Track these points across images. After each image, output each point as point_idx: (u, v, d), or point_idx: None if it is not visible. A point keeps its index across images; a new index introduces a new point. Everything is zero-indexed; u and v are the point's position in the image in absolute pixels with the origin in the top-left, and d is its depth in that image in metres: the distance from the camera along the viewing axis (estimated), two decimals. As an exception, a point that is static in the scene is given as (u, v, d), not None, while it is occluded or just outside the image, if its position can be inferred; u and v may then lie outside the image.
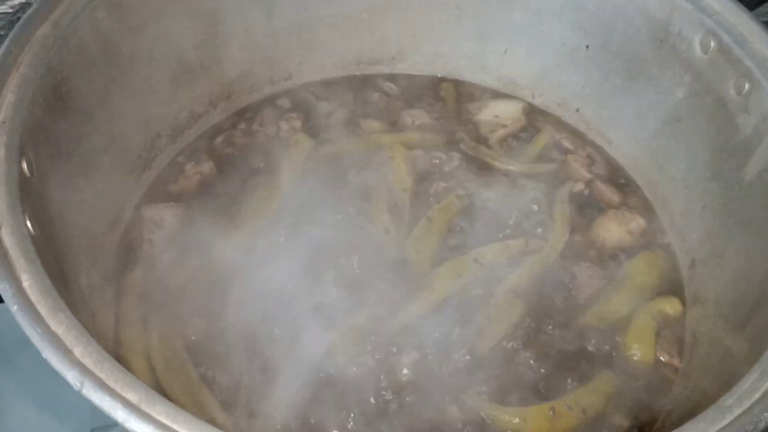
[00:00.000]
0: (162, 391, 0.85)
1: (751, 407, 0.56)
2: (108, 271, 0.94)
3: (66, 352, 0.55)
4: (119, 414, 0.52)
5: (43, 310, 0.58)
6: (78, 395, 0.54)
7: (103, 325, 0.88)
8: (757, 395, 0.58)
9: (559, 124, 1.20)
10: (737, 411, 0.57)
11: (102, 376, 0.55)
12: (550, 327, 0.94)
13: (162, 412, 0.53)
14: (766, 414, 0.55)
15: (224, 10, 1.05)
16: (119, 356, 0.88)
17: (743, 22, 0.91)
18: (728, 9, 0.93)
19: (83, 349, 0.56)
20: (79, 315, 0.71)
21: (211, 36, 1.05)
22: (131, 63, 0.92)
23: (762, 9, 1.02)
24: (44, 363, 0.55)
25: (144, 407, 0.53)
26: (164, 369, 0.88)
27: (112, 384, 0.54)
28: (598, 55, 1.11)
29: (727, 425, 0.56)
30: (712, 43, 0.94)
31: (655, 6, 0.99)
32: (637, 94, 1.08)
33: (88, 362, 0.56)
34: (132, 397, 0.54)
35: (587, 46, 1.11)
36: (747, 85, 0.90)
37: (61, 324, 0.57)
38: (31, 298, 0.58)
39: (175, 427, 0.52)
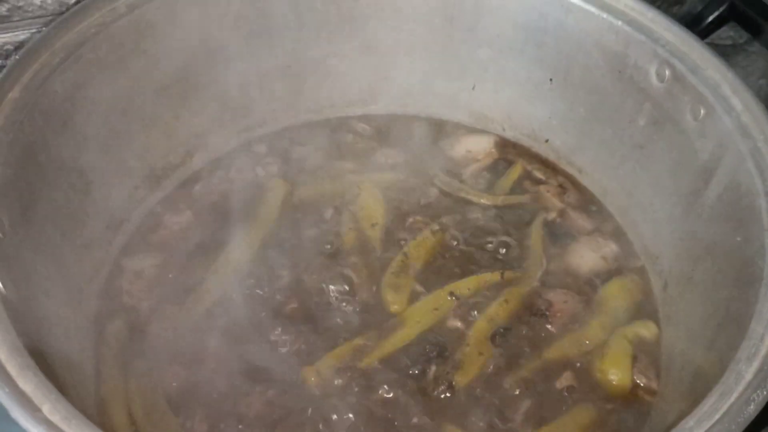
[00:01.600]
0: (143, 441, 0.86)
1: (710, 429, 0.57)
2: (87, 324, 0.95)
3: (34, 411, 0.56)
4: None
5: (12, 369, 0.59)
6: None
7: (83, 377, 0.89)
8: (717, 416, 0.59)
9: (530, 155, 1.23)
10: (697, 432, 0.58)
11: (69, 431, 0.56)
12: (527, 356, 0.95)
13: None
14: (724, 435, 0.56)
15: (195, 63, 1.07)
16: (101, 408, 0.89)
17: (695, 50, 0.94)
18: (680, 38, 0.96)
19: (51, 406, 0.57)
20: (55, 372, 0.74)
21: (183, 87, 1.07)
22: (104, 119, 0.94)
23: (714, 34, 1.05)
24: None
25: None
26: (145, 419, 0.88)
27: (80, 440, 0.55)
28: (562, 87, 1.14)
29: (688, 447, 0.57)
30: (667, 72, 0.97)
31: (611, 39, 1.02)
32: (602, 124, 1.11)
33: (56, 419, 0.57)
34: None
35: (551, 80, 1.14)
36: (702, 111, 0.92)
37: (29, 382, 0.58)
38: (0, 357, 0.59)
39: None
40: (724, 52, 1.44)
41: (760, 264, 0.73)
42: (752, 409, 0.58)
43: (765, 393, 0.59)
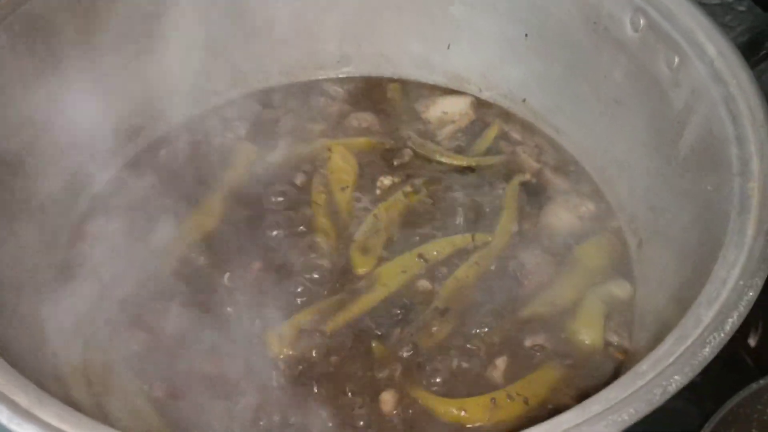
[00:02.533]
0: (100, 405, 0.84)
1: (662, 371, 0.55)
2: (47, 289, 0.93)
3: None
4: (3, 416, 0.50)
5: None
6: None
7: (39, 343, 0.86)
8: (671, 359, 0.56)
9: (507, 116, 1.19)
10: (650, 375, 0.55)
11: (-9, 381, 0.53)
12: (497, 317, 0.92)
13: (52, 414, 0.52)
14: (676, 377, 0.54)
15: (160, 22, 1.04)
16: (57, 373, 0.86)
17: (669, -4, 0.91)
18: (654, -16, 0.92)
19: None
20: (8, 336, 0.72)
21: (147, 48, 1.04)
22: (58, 79, 0.92)
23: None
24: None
25: (33, 409, 0.52)
26: (103, 384, 0.86)
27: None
28: (537, 43, 1.10)
29: (638, 389, 0.54)
30: (642, 21, 0.93)
31: (584, -12, 0.99)
32: (578, 80, 1.08)
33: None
34: (20, 399, 0.52)
35: (525, 35, 1.11)
36: (676, 59, 0.89)
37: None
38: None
39: (64, 428, 0.51)
40: (712, 12, 1.40)
41: (728, 210, 0.70)
42: (707, 352, 0.55)
43: (722, 335, 0.56)
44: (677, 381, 0.53)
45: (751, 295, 0.59)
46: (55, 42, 0.91)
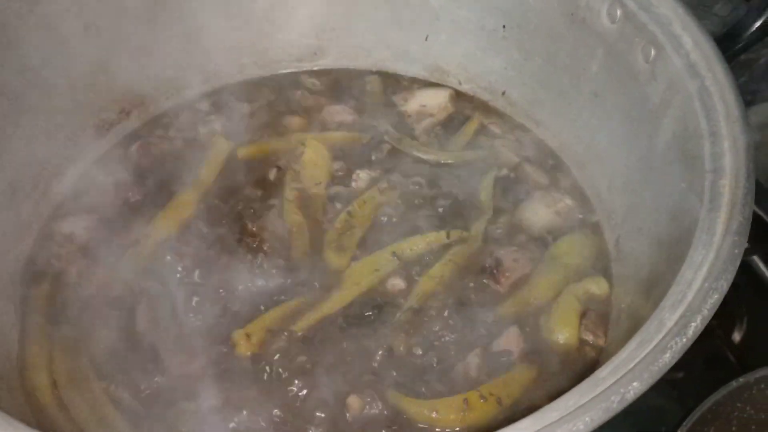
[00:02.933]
0: (64, 406, 0.82)
1: (621, 377, 0.53)
2: (12, 286, 0.91)
3: None
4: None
5: None
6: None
7: (6, 342, 0.86)
8: (631, 365, 0.54)
9: (487, 109, 1.17)
10: (609, 381, 0.53)
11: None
12: (471, 317, 0.91)
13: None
14: (635, 383, 0.52)
15: (129, 14, 1.02)
16: (22, 371, 0.85)
17: (646, -15, 0.88)
18: (631, -26, 0.90)
19: None
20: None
21: (118, 39, 1.02)
22: (21, 74, 0.89)
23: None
24: None
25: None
26: (67, 384, 0.85)
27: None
28: (516, 35, 1.08)
29: (596, 396, 0.52)
30: (619, 12, 0.91)
31: (561, -21, 0.96)
32: (558, 72, 1.06)
33: None
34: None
35: (504, 26, 1.09)
36: (653, 52, 0.87)
37: None
38: None
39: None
40: (701, 2, 1.37)
41: (698, 208, 0.68)
42: (668, 357, 0.53)
43: (684, 341, 0.54)
44: (636, 388, 0.52)
45: (716, 298, 0.57)
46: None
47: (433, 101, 1.18)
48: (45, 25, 0.93)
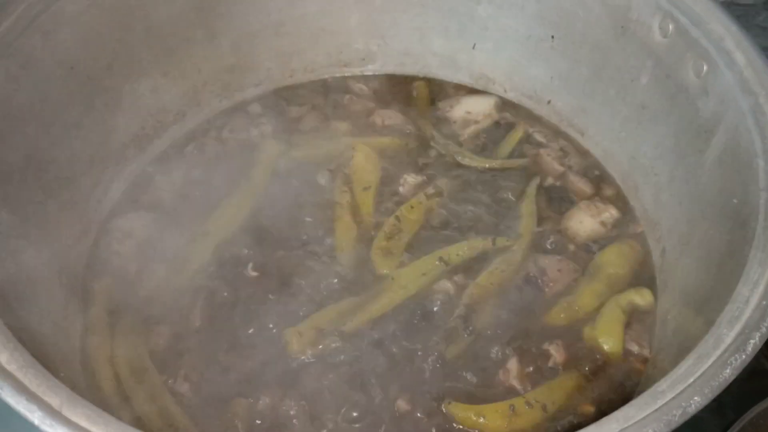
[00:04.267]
0: (126, 397, 0.86)
1: (682, 392, 0.55)
2: (75, 282, 0.95)
3: (-12, 359, 0.56)
4: (36, 416, 0.52)
5: (-30, 319, 0.59)
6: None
7: (67, 333, 0.89)
8: (690, 379, 0.56)
9: (532, 117, 1.19)
10: (669, 395, 0.55)
11: (25, 381, 0.55)
12: (518, 324, 0.93)
13: (82, 415, 0.54)
14: (696, 398, 0.54)
15: (186, 20, 1.05)
16: (85, 364, 0.89)
17: (699, 2, 0.90)
18: (685, -10, 0.91)
19: (9, 356, 0.57)
20: (32, 326, 0.74)
21: (175, 45, 1.05)
22: (88, 77, 0.93)
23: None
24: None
25: (65, 411, 0.53)
26: (129, 377, 0.88)
27: (33, 388, 0.55)
28: (564, 45, 1.10)
29: (657, 410, 0.54)
30: (671, 27, 0.93)
31: (612, -8, 0.98)
32: (604, 83, 1.07)
33: (12, 368, 0.56)
34: (53, 401, 0.54)
35: (552, 37, 1.10)
36: (705, 67, 0.88)
37: (-13, 332, 0.58)
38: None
39: (93, 429, 0.52)
40: (745, 12, 1.38)
41: (753, 225, 0.69)
42: (728, 373, 0.55)
43: (743, 357, 0.56)
44: (697, 402, 0.54)
45: (774, 315, 0.58)
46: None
47: (478, 108, 1.20)
48: (114, 29, 0.96)
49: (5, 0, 0.81)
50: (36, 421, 0.52)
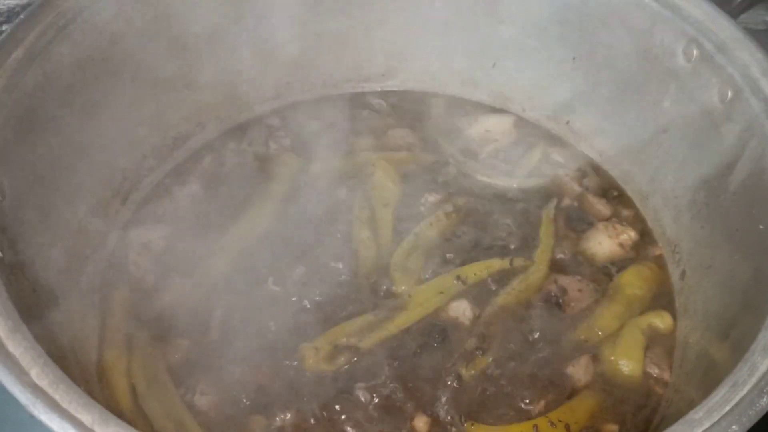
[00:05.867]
0: (142, 412, 0.85)
1: (719, 420, 0.55)
2: (92, 293, 0.94)
3: (21, 374, 0.55)
4: (68, 434, 0.52)
5: (1, 332, 0.58)
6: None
7: (85, 345, 0.88)
8: (727, 407, 0.56)
9: (550, 137, 1.19)
10: (706, 424, 0.55)
11: (56, 397, 0.55)
12: (538, 344, 0.93)
13: (114, 432, 0.53)
14: (734, 427, 0.54)
15: (207, 33, 1.06)
16: (102, 377, 0.88)
17: (725, 29, 0.90)
18: (710, 17, 0.92)
19: (39, 371, 0.56)
20: (53, 339, 0.73)
21: (196, 57, 1.05)
22: (112, 85, 0.93)
23: (744, 17, 1.00)
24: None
25: (96, 428, 0.53)
26: (145, 389, 0.87)
27: (65, 405, 0.54)
28: (585, 67, 1.10)
29: (696, 437, 0.54)
30: (695, 52, 0.93)
31: (637, 16, 0.98)
32: (625, 105, 1.07)
33: (43, 383, 0.56)
34: (85, 418, 0.53)
35: (573, 59, 1.10)
36: (730, 93, 0.88)
37: (18, 345, 0.57)
38: (-10, 319, 0.59)
39: (126, 447, 0.52)
40: (758, 38, 1.38)
41: (781, 253, 0.69)
42: (765, 402, 0.55)
43: (780, 386, 0.56)
44: (735, 431, 0.53)
45: (810, 343, 0.58)
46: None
47: (497, 127, 1.20)
48: (132, 46, 0.96)
49: (36, 9, 0.81)
50: (69, 438, 0.52)
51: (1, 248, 0.67)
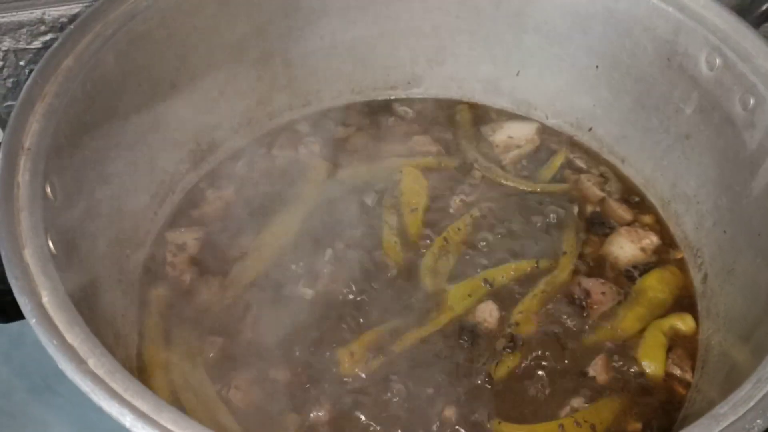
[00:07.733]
0: (181, 407, 0.88)
1: (744, 415, 0.57)
2: (132, 291, 0.98)
3: (80, 363, 0.59)
4: (127, 420, 0.55)
5: (60, 324, 0.62)
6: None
7: (126, 342, 0.92)
8: (752, 403, 0.58)
9: (573, 143, 1.22)
10: (731, 418, 0.57)
11: (113, 385, 0.58)
12: (563, 346, 0.95)
13: (169, 419, 0.56)
14: (759, 421, 0.56)
15: (246, 42, 1.09)
16: (141, 372, 0.92)
17: (747, 38, 0.92)
18: (732, 26, 0.94)
19: (96, 360, 0.60)
20: (101, 332, 0.76)
21: (234, 66, 1.09)
22: (153, 92, 0.97)
23: (766, 26, 1.02)
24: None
25: (152, 414, 0.56)
26: (183, 385, 0.90)
27: (122, 392, 0.57)
28: (608, 74, 1.12)
29: (720, 431, 0.56)
30: (718, 60, 0.95)
31: (660, 26, 1.01)
32: (648, 112, 1.10)
33: (100, 372, 0.59)
34: (141, 404, 0.57)
35: (597, 66, 1.13)
36: (752, 100, 0.90)
37: (76, 337, 0.61)
38: (49, 312, 0.62)
39: (179, 432, 0.55)
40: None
41: (805, 256, 0.71)
42: (789, 398, 0.57)
43: (804, 382, 0.58)
44: (759, 425, 0.55)
45: (832, 343, 0.60)
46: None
47: (520, 133, 1.23)
48: (179, 49, 1.00)
49: (85, 19, 0.85)
50: (127, 425, 0.55)
51: (54, 245, 0.71)
